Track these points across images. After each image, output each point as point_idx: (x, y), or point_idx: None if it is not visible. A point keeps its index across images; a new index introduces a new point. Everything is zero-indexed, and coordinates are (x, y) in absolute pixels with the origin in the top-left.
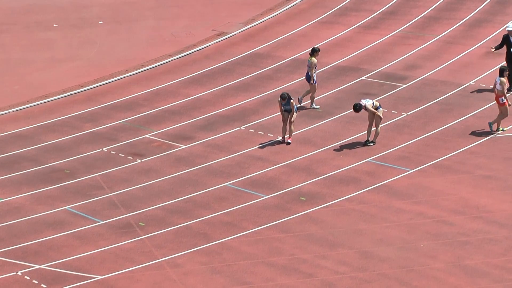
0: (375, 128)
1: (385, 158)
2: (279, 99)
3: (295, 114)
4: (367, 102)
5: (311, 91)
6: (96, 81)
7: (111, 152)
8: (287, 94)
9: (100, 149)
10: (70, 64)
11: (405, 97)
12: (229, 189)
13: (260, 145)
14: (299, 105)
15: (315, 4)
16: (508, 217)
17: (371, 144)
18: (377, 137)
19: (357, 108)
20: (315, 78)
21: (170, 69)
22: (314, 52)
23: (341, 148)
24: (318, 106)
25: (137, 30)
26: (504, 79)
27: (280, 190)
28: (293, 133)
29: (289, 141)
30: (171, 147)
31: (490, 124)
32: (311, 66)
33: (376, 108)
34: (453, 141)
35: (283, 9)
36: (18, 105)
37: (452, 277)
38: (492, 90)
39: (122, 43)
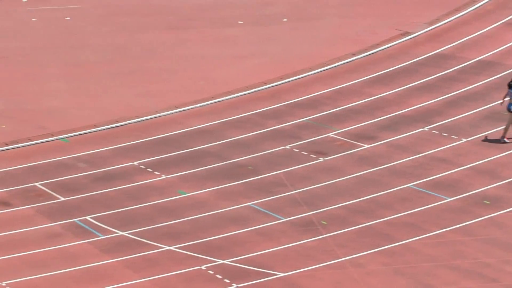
0: None
1: None
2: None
3: None
4: None
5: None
6: (280, 78)
7: (294, 149)
8: None
9: (283, 147)
10: (254, 61)
11: None
12: (411, 190)
13: (444, 147)
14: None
15: (502, 5)
16: None
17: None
18: None
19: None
20: None
21: (353, 68)
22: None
23: None
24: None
25: (320, 28)
26: None
27: (463, 193)
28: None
29: (506, 140)
30: (353, 146)
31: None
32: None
33: None
34: None
35: (469, 9)
36: (202, 100)
37: None
38: None
39: (306, 40)
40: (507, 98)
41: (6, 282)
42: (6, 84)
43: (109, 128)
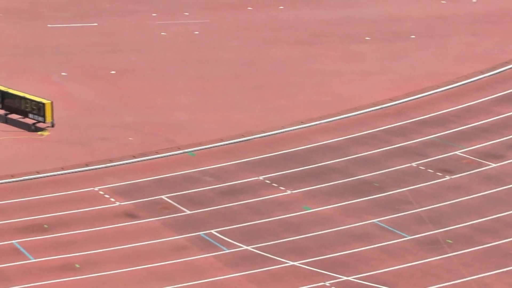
0: None
1: None
2: None
3: None
4: None
5: None
6: (407, 95)
7: (420, 167)
8: None
9: (409, 164)
10: (381, 77)
11: None
12: None
13: None
14: None
15: None
16: None
17: None
18: None
19: None
20: None
21: (481, 86)
22: None
23: None
24: None
25: (448, 45)
26: None
27: None
28: None
29: None
30: (480, 165)
31: None
32: None
33: None
34: None
35: None
36: (328, 116)
37: None
38: None
39: (433, 57)
40: None
41: None
42: (135, 97)
43: (235, 143)
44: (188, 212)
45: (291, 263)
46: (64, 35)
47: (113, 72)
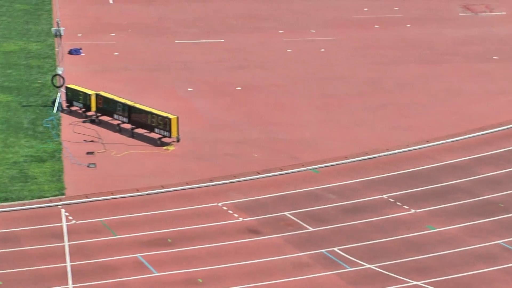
0: None
1: None
2: None
3: None
4: None
5: None
6: None
7: None
8: None
9: None
10: (509, 97)
11: None
12: None
13: None
14: None
15: None
16: None
17: None
18: None
19: None
20: None
21: None
22: None
23: None
24: None
25: None
26: None
27: None
28: None
29: None
30: None
31: None
32: None
33: None
34: None
35: None
36: (454, 135)
37: None
38: None
39: None
40: None
41: None
42: (260, 114)
43: (359, 160)
44: (311, 229)
45: (414, 282)
46: (190, 51)
47: (238, 88)
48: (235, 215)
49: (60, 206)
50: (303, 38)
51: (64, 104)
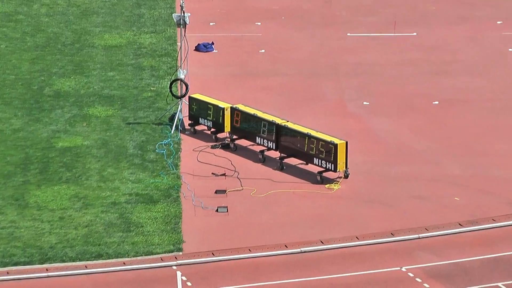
0: None
1: None
2: None
3: None
4: None
5: None
6: None
7: None
8: None
9: None
10: None
11: None
12: None
13: None
14: None
15: None
16: None
17: None
18: None
19: None
20: None
21: None
22: None
23: None
24: None
25: None
26: None
27: None
28: None
29: None
30: None
31: None
32: None
33: None
34: None
35: None
36: None
37: None
38: None
39: None
40: None
41: None
42: (466, 140)
43: None
44: None
45: None
46: (368, 49)
47: (435, 102)
48: (425, 285)
49: (175, 267)
50: None
51: (186, 122)
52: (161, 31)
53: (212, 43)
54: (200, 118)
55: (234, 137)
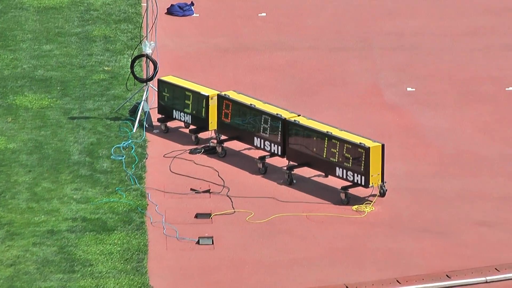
0: None
1: None
2: None
3: None
4: None
5: None
6: None
7: None
8: None
9: None
10: None
11: None
12: None
13: None
14: None
15: None
16: None
17: None
18: None
19: None
20: None
21: None
22: None
23: None
24: None
25: None
26: None
27: None
28: None
29: None
30: None
31: None
32: None
33: None
34: None
35: None
36: None
37: None
38: None
39: None
40: None
41: None
42: None
43: None
44: None
45: None
46: (411, 10)
47: (510, 89)
48: None
49: None
50: None
51: (155, 117)
52: None
53: (192, 4)
54: (174, 111)
55: (223, 137)
